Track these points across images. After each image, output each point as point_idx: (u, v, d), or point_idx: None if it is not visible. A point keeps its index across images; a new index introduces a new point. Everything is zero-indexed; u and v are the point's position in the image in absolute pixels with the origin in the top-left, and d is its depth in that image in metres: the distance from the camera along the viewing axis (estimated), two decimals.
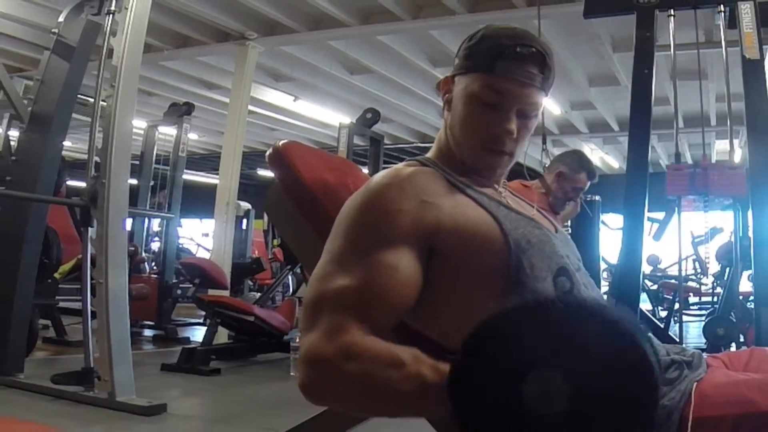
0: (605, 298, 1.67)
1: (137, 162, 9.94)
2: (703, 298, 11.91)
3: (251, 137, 16.75)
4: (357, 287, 1.55)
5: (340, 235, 1.67)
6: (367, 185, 1.73)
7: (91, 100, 6.04)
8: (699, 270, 12.45)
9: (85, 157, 5.76)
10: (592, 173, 5.11)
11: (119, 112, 5.49)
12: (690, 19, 6.14)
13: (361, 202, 1.69)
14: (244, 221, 14.43)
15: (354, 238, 1.64)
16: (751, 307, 6.26)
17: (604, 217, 7.97)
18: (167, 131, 11.17)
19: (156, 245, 13.03)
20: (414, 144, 17.94)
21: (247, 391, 6.58)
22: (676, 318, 9.10)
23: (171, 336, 9.68)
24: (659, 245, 8.92)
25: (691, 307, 12.65)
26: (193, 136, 14.17)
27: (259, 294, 11.42)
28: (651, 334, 1.84)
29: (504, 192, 1.93)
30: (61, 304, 8.65)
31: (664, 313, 11.53)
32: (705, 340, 7.20)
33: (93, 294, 5.43)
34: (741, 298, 7.97)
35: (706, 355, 1.88)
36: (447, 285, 1.70)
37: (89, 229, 5.54)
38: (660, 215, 9.06)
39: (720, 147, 16.68)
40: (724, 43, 5.97)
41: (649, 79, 5.83)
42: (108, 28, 5.77)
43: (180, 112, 10.73)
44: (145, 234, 11.87)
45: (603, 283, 9.43)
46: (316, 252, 1.74)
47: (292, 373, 7.07)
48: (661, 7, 5.93)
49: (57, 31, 6.09)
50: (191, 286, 9.51)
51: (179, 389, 6.40)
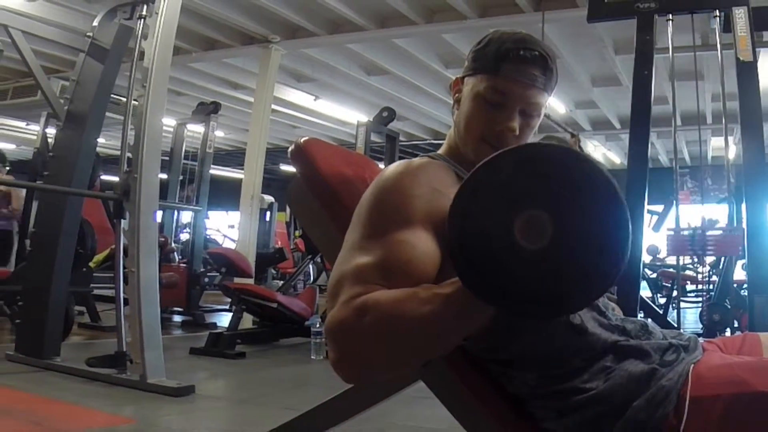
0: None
1: (167, 158, 9.98)
2: (700, 286, 11.85)
3: (274, 134, 16.75)
4: (375, 263, 1.52)
5: (359, 224, 1.65)
6: (381, 176, 1.73)
7: (124, 99, 6.06)
8: (695, 259, 12.42)
9: (118, 153, 5.79)
10: None
11: (150, 110, 5.50)
12: (687, 24, 6.13)
13: (376, 192, 1.68)
14: (268, 213, 14.45)
15: (371, 225, 1.62)
16: (745, 294, 6.24)
17: None
18: (195, 129, 11.20)
19: (185, 236, 13.12)
20: (427, 141, 17.93)
21: (270, 373, 6.60)
22: (674, 305, 9.09)
23: (199, 321, 9.73)
24: (658, 236, 8.89)
25: (688, 294, 12.60)
26: (219, 133, 14.20)
27: (281, 282, 11.47)
28: (650, 320, 1.84)
29: None
30: (95, 292, 8.71)
31: (662, 300, 11.51)
32: (701, 326, 7.21)
33: (125, 282, 5.44)
34: (735, 286, 7.96)
35: (702, 340, 1.88)
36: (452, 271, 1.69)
37: (122, 221, 5.55)
38: (659, 208, 9.06)
39: (715, 144, 16.57)
40: (719, 46, 5.95)
41: (648, 80, 5.82)
42: (140, 32, 5.79)
43: (207, 110, 10.75)
44: (174, 225, 11.92)
45: None
46: (335, 242, 1.74)
47: (313, 356, 7.09)
48: (661, 12, 5.93)
49: (92, 34, 6.10)
50: (218, 274, 9.57)
51: (207, 371, 6.42)
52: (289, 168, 18.48)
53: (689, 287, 12.66)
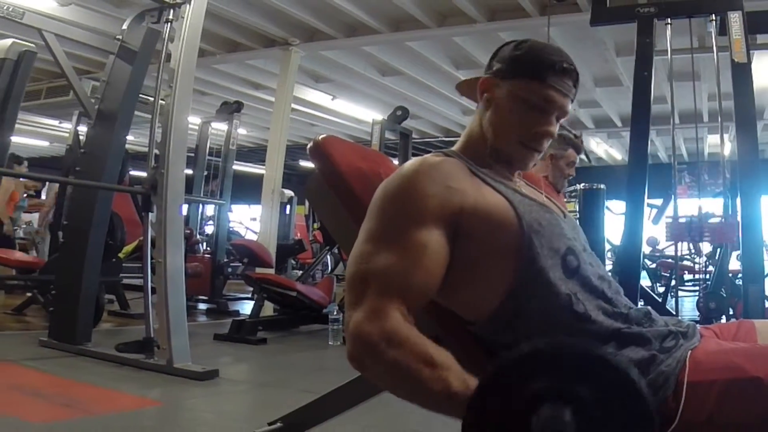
0: (609, 274, 1.67)
1: (192, 154, 9.99)
2: (697, 276, 11.82)
3: (294, 132, 16.69)
4: (395, 268, 1.58)
5: (375, 217, 1.68)
6: (399, 172, 1.74)
7: (151, 99, 6.07)
8: (693, 250, 12.38)
9: (146, 149, 5.80)
10: (577, 146, 5.06)
11: (176, 109, 5.53)
12: (685, 27, 6.15)
13: (393, 188, 1.71)
14: (288, 207, 14.41)
15: (388, 220, 1.66)
16: (740, 283, 6.23)
17: (609, 203, 7.93)
18: (219, 127, 11.26)
19: (209, 228, 13.11)
20: (439, 138, 17.88)
21: (290, 358, 6.62)
22: (672, 293, 9.09)
23: (222, 309, 9.78)
24: (658, 228, 8.86)
25: (686, 283, 12.62)
26: (242, 131, 14.16)
27: (301, 272, 11.48)
28: (650, 308, 1.84)
29: (519, 181, 1.94)
30: (124, 281, 8.74)
31: (661, 289, 11.49)
32: (698, 313, 7.18)
33: (153, 272, 5.48)
34: (730, 275, 7.94)
35: (699, 327, 1.87)
36: (468, 262, 1.70)
37: (149, 214, 5.58)
38: (658, 201, 9.03)
39: (712, 141, 16.53)
40: (715, 48, 5.97)
41: (648, 81, 5.83)
42: (166, 35, 5.81)
43: (230, 109, 10.80)
44: (199, 218, 11.93)
45: (608, 262, 9.39)
46: (351, 234, 1.75)
47: (330, 342, 7.10)
48: (660, 17, 5.95)
49: (121, 37, 6.13)
50: (240, 264, 9.58)
51: (230, 356, 6.44)
52: (308, 164, 18.50)
53: (687, 277, 12.67)
